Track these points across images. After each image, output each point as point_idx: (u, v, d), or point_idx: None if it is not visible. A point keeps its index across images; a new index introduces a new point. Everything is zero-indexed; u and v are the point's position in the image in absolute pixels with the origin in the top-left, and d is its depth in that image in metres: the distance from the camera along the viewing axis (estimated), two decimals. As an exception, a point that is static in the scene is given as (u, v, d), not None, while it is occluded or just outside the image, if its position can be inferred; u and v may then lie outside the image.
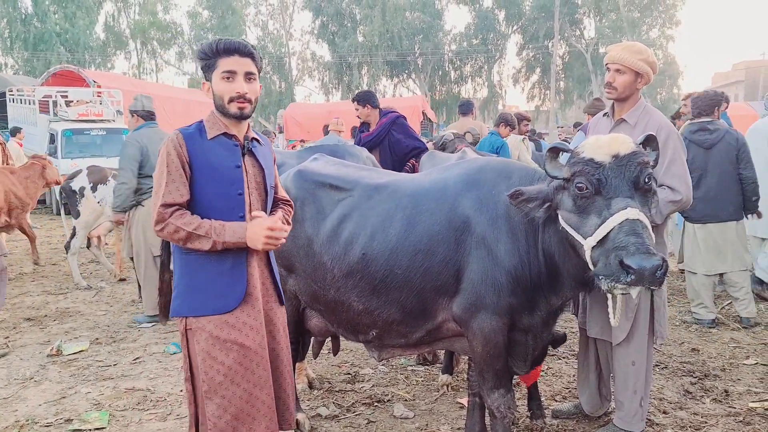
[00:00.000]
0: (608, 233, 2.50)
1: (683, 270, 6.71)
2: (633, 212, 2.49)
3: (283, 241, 2.56)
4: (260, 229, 2.46)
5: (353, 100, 6.20)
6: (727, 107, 7.87)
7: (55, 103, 15.64)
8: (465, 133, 6.37)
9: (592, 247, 2.55)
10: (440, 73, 48.86)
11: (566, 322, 5.78)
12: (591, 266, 2.60)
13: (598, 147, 2.65)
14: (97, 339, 5.71)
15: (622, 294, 2.54)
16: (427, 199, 3.13)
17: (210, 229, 2.43)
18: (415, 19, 44.85)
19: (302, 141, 18.38)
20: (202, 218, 2.47)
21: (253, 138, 2.67)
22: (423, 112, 23.94)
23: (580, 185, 2.61)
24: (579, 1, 44.11)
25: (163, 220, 2.44)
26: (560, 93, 47.05)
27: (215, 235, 2.42)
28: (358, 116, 6.20)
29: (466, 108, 8.59)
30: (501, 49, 48.62)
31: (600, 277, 2.50)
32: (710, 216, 5.75)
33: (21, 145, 12.90)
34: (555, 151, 2.75)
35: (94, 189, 7.65)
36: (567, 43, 45.89)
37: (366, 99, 6.14)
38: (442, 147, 5.85)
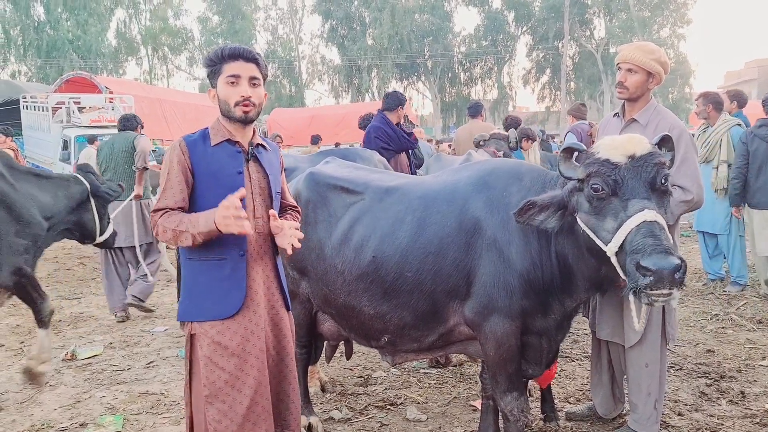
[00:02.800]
0: (626, 237, 2.45)
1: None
2: (650, 214, 2.45)
3: (243, 221, 2.36)
4: (225, 211, 2.35)
5: (399, 105, 6.61)
6: (738, 106, 7.82)
7: (67, 109, 15.79)
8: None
9: (615, 253, 2.51)
10: (450, 75, 48.86)
11: (579, 324, 5.75)
12: (621, 273, 2.55)
13: (614, 147, 2.61)
14: (110, 343, 5.76)
15: (664, 303, 2.44)
16: (438, 202, 3.12)
17: (188, 222, 2.44)
18: (424, 22, 44.86)
19: (288, 145, 18.59)
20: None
21: (259, 144, 2.67)
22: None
23: (595, 186, 2.57)
24: (589, 1, 43.95)
25: (155, 224, 2.50)
26: (570, 93, 46.86)
27: (191, 227, 2.42)
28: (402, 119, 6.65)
29: (475, 110, 8.60)
30: (511, 50, 48.57)
31: (628, 288, 2.44)
32: (766, 203, 6.43)
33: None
34: (569, 152, 2.72)
35: None
36: (577, 44, 45.75)
37: None
38: (478, 146, 5.94)
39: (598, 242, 2.59)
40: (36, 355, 4.49)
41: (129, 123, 7.12)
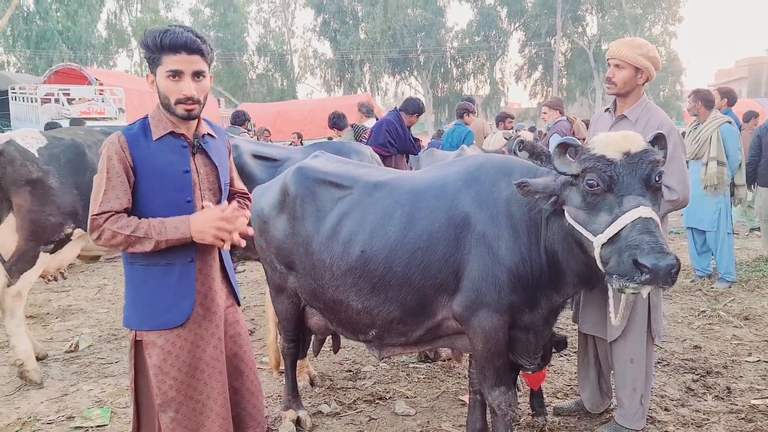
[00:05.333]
0: (620, 231, 2.46)
1: None
2: (646, 210, 2.47)
3: (241, 231, 2.36)
4: (208, 220, 2.27)
5: (417, 113, 6.99)
6: (728, 104, 7.90)
7: (56, 100, 15.67)
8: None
9: (602, 245, 2.52)
10: (442, 70, 48.80)
11: (567, 320, 5.77)
12: (600, 264, 2.57)
13: (609, 144, 2.62)
14: (99, 336, 5.72)
15: (633, 293, 2.50)
16: (427, 196, 3.11)
17: (149, 228, 2.25)
18: (417, 16, 44.79)
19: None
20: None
21: (205, 133, 2.49)
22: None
23: (591, 182, 2.57)
24: (581, -3, 44.03)
25: (97, 227, 2.27)
26: (563, 90, 46.97)
27: (156, 234, 2.25)
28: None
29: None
30: (503, 46, 48.58)
31: (613, 276, 2.46)
32: None
33: None
34: (564, 147, 2.71)
35: None
36: (569, 40, 45.81)
37: None
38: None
39: (586, 234, 2.60)
40: None
41: (238, 118, 9.00)
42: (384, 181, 3.33)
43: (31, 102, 17.32)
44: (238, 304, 2.68)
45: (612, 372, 3.72)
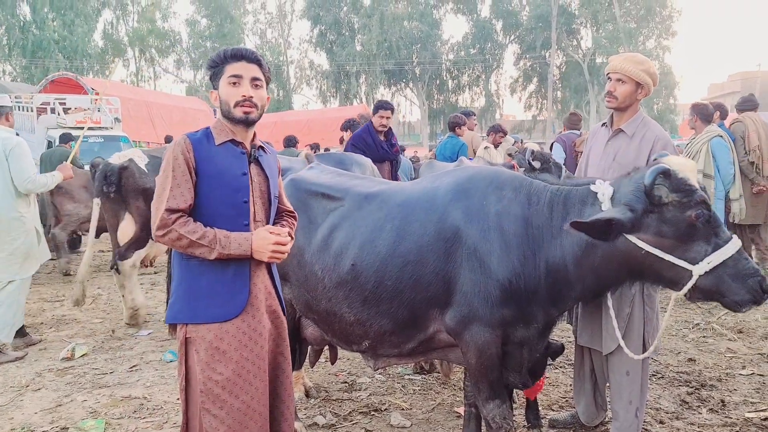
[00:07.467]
0: (725, 260, 2.60)
1: None
2: (738, 241, 2.65)
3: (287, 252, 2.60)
4: (266, 242, 2.48)
5: (386, 108, 6.67)
6: (720, 117, 7.97)
7: (52, 110, 15.68)
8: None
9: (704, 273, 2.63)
10: (438, 82, 48.98)
11: (562, 332, 5.79)
12: (690, 290, 2.67)
13: (694, 172, 2.72)
14: (93, 347, 5.69)
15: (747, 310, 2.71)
16: (417, 210, 3.10)
17: (214, 239, 2.41)
18: (413, 29, 44.95)
19: None
20: (205, 226, 2.44)
21: (260, 146, 2.66)
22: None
23: (701, 214, 2.62)
24: (576, 11, 44.36)
25: (166, 226, 2.40)
26: (557, 103, 47.23)
27: (220, 246, 2.41)
28: (386, 124, 6.67)
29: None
30: (498, 58, 48.79)
31: (735, 302, 2.64)
32: None
33: None
34: (667, 174, 2.66)
35: None
36: (564, 53, 46.05)
37: None
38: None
39: (681, 263, 2.64)
40: None
41: (291, 141, 10.24)
42: (374, 192, 3.32)
43: (27, 111, 17.31)
44: (284, 312, 2.75)
45: (607, 385, 3.73)
